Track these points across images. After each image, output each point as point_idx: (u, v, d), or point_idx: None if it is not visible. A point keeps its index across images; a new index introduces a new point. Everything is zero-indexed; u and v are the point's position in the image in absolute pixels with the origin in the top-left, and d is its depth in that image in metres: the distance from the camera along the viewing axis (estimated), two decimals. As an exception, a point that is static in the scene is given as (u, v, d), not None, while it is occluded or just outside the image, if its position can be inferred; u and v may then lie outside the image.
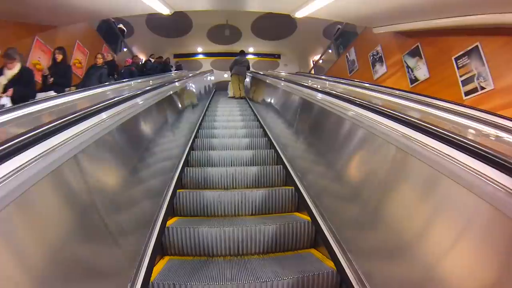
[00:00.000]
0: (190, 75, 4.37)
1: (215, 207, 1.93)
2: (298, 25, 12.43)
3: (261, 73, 5.97)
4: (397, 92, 2.19)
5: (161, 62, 8.26)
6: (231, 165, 2.43)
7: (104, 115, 1.13)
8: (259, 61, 15.96)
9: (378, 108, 1.21)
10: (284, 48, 15.03)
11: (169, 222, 1.67)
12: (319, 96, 1.80)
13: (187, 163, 2.35)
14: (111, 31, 7.47)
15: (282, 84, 2.94)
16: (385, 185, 1.15)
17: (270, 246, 1.61)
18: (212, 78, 9.01)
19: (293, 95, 2.36)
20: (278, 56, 15.74)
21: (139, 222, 1.34)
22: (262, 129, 3.32)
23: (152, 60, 7.94)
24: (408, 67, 4.63)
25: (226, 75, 15.70)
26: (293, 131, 2.30)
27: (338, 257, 1.35)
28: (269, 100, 3.74)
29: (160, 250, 1.46)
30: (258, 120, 3.81)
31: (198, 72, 5.49)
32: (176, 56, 15.25)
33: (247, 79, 7.06)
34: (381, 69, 5.46)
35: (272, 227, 1.60)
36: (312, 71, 11.95)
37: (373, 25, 5.21)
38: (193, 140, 2.80)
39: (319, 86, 2.16)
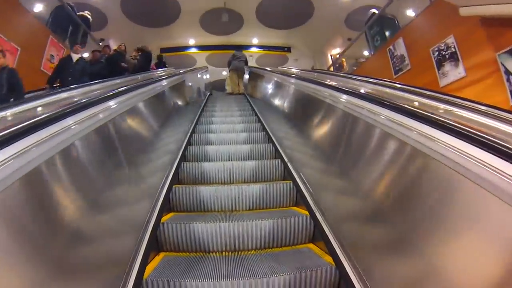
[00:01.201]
0: (162, 77, 3.41)
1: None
2: (315, 10, 11.61)
3: (269, 69, 5.95)
4: None
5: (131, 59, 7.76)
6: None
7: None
8: (264, 55, 15.30)
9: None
10: (295, 40, 14.16)
11: (164, 218, 1.87)
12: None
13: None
14: (67, 19, 6.88)
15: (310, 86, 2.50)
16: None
17: (267, 241, 1.77)
18: (207, 76, 8.92)
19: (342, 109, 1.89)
20: (288, 50, 14.96)
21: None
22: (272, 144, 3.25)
23: (86, 56, 6.58)
24: (508, 72, 3.53)
25: (225, 73, 15.29)
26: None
27: (337, 252, 1.49)
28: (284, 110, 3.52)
29: (155, 246, 1.66)
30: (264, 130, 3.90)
31: (179, 72, 4.65)
32: (164, 50, 14.19)
33: (246, 75, 7.50)
34: (454, 72, 4.46)
35: (269, 222, 1.76)
36: (331, 69, 11.22)
37: (461, 2, 4.09)
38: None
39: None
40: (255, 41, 14.04)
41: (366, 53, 8.82)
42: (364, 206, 1.40)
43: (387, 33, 6.99)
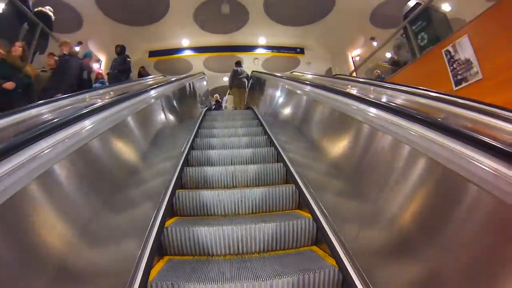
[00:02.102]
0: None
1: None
2: (335, 4, 10.99)
3: (279, 75, 5.53)
4: None
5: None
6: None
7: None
8: (272, 58, 14.74)
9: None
10: (310, 39, 13.36)
11: (168, 222, 2.11)
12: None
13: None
14: (18, 17, 5.85)
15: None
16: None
17: (271, 244, 2.01)
18: (202, 85, 8.10)
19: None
20: (301, 51, 14.26)
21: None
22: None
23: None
24: None
25: (226, 78, 15.03)
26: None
27: (340, 254, 1.71)
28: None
29: (160, 250, 1.92)
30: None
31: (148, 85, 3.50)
32: (153, 54, 13.88)
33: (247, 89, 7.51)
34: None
35: (272, 225, 1.99)
36: (354, 74, 10.68)
37: None
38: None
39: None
40: (262, 40, 13.53)
41: (388, 55, 8.79)
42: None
43: (436, 30, 6.25)
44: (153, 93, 2.72)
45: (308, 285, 1.61)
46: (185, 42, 12.90)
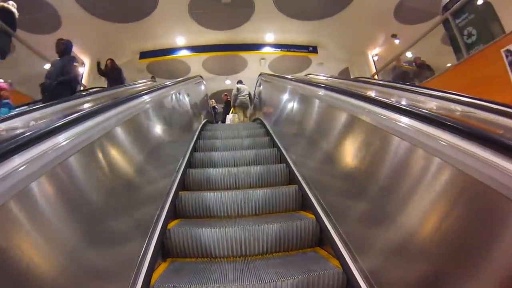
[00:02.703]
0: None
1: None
2: None
3: (299, 78, 4.98)
4: None
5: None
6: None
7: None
8: (281, 57, 14.01)
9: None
10: (324, 36, 12.55)
11: (171, 224, 2.35)
12: None
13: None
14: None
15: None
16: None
17: (274, 245, 2.19)
18: (200, 90, 7.86)
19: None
20: (314, 50, 13.42)
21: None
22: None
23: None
24: None
25: (229, 81, 15.47)
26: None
27: (344, 255, 1.87)
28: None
29: (162, 252, 2.12)
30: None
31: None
32: (145, 55, 13.15)
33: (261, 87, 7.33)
34: None
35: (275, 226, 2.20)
36: (376, 77, 9.98)
37: None
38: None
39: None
40: (269, 38, 12.90)
41: (409, 54, 8.60)
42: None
43: (489, 25, 5.54)
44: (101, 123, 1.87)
45: (312, 287, 1.76)
46: (180, 41, 12.55)
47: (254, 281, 1.71)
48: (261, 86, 7.48)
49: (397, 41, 10.65)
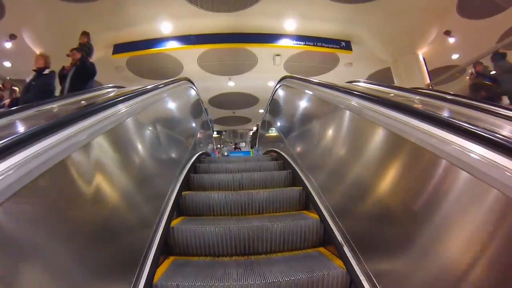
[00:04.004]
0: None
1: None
2: None
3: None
4: None
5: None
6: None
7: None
8: (304, 53, 11.78)
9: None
10: (362, 26, 10.59)
11: (174, 222, 2.94)
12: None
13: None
14: None
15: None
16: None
17: (278, 245, 2.74)
18: (189, 99, 6.59)
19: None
20: (347, 45, 11.25)
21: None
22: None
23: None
24: None
25: (232, 83, 14.16)
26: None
27: (348, 255, 2.20)
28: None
29: (165, 250, 2.64)
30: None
31: None
32: (120, 48, 10.95)
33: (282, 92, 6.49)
34: None
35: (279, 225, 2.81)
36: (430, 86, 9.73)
37: None
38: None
39: None
40: (289, 25, 11.03)
41: (455, 56, 9.37)
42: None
43: None
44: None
45: (316, 286, 2.06)
46: (166, 28, 11.29)
47: (258, 280, 2.05)
48: (284, 99, 6.44)
49: (451, 40, 10.16)
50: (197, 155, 5.61)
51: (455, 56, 12.59)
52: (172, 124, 4.69)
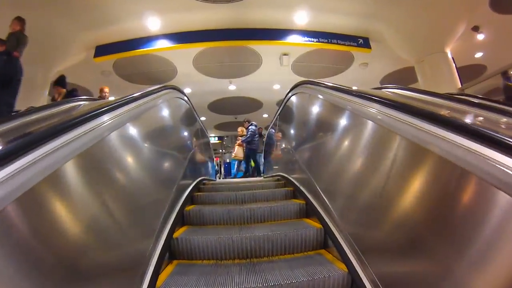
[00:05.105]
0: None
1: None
2: None
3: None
4: None
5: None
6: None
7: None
8: (315, 52, 10.52)
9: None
10: (383, 21, 9.63)
11: (177, 233, 3.31)
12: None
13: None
14: None
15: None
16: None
17: (280, 249, 3.12)
18: (179, 113, 5.19)
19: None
20: (365, 43, 10.21)
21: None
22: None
23: None
24: None
25: (233, 87, 13.16)
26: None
27: (350, 258, 2.45)
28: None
29: (169, 254, 3.09)
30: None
31: None
32: (102, 50, 9.67)
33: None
34: None
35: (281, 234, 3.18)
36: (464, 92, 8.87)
37: None
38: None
39: None
40: (300, 19, 9.84)
41: (478, 54, 9.63)
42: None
43: None
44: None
45: None
46: (153, 24, 10.17)
47: (260, 283, 2.21)
48: (302, 112, 5.40)
49: (479, 36, 9.49)
50: (198, 180, 5.01)
51: (478, 55, 12.17)
52: (146, 165, 3.09)
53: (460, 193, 1.63)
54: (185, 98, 5.64)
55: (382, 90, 4.53)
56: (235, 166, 13.66)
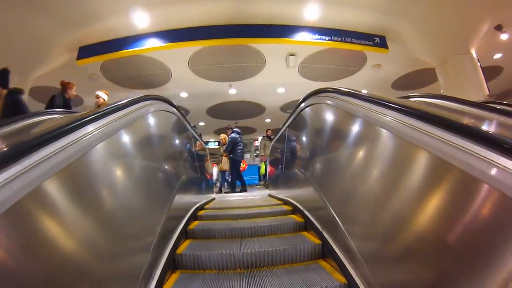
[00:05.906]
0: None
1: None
2: None
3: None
4: None
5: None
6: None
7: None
8: (326, 52, 9.94)
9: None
10: (403, 18, 8.84)
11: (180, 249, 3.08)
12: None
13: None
14: None
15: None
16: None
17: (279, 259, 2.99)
18: (167, 130, 4.11)
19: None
20: (382, 42, 9.52)
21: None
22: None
23: None
24: None
25: (234, 91, 12.57)
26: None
27: (347, 267, 2.22)
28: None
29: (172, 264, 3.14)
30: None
31: None
32: (86, 51, 8.94)
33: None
34: None
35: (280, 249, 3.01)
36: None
37: None
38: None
39: None
40: (311, 14, 8.96)
41: (497, 55, 9.12)
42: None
43: None
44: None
45: None
46: (141, 20, 9.14)
47: None
48: (318, 129, 4.06)
49: (504, 36, 9.10)
50: (181, 226, 3.33)
51: (497, 56, 12.04)
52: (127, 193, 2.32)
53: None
54: (174, 110, 4.42)
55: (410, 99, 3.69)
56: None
